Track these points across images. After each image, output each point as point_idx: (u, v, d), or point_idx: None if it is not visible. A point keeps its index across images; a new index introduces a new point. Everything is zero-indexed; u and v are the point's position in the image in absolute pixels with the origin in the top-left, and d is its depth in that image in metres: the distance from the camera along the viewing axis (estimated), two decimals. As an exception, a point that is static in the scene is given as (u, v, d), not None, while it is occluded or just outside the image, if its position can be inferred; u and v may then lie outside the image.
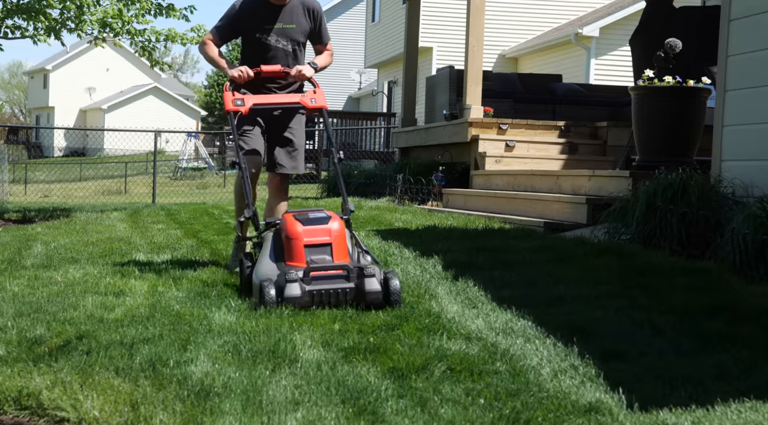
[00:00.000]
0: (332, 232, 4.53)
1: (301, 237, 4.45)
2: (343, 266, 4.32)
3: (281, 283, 4.24)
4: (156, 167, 16.15)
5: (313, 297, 4.23)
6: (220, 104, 60.11)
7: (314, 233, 4.49)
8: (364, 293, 4.24)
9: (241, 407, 2.93)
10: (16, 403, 3.14)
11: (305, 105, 5.38)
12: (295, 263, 4.42)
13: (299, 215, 4.62)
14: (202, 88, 68.75)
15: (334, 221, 4.58)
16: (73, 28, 13.05)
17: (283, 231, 4.57)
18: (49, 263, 6.31)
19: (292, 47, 5.58)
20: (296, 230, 4.49)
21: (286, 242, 4.51)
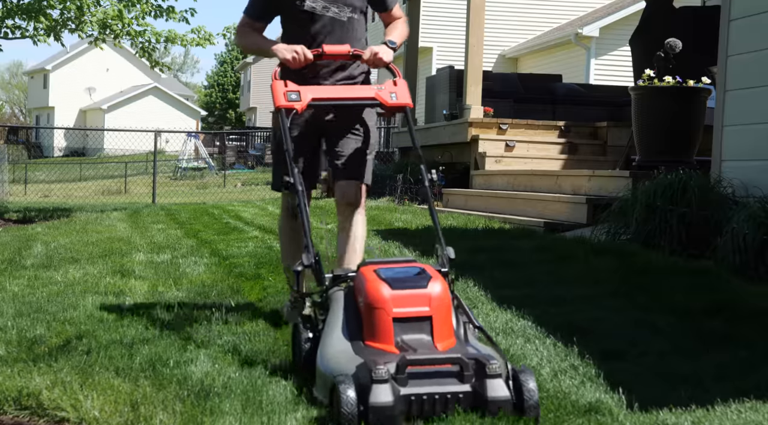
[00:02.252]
0: (433, 299, 2.97)
1: (389, 307, 2.94)
2: (455, 360, 2.81)
3: (364, 381, 2.72)
4: (156, 167, 16.15)
5: (410, 404, 2.74)
6: (219, 104, 60.12)
7: (407, 300, 2.97)
8: (486, 400, 2.76)
9: (241, 407, 2.93)
10: (16, 403, 3.14)
11: (383, 102, 3.69)
12: (380, 345, 2.95)
13: (383, 269, 3.09)
14: (202, 89, 68.76)
15: (435, 281, 3.01)
16: (73, 29, 13.06)
17: (360, 293, 3.05)
18: (49, 263, 6.31)
19: (348, 16, 3.92)
20: (380, 295, 2.96)
21: (365, 310, 3.00)
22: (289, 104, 3.59)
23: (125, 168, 24.28)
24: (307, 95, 3.61)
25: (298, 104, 3.58)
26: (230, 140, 37.52)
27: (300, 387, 3.14)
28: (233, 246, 6.97)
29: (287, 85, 3.60)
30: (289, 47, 3.76)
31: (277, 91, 3.62)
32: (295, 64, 3.75)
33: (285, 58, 3.77)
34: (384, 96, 3.69)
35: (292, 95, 3.59)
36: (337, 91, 3.78)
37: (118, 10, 12.77)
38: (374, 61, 3.79)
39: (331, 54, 3.80)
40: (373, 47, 3.81)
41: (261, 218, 9.75)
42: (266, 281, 5.29)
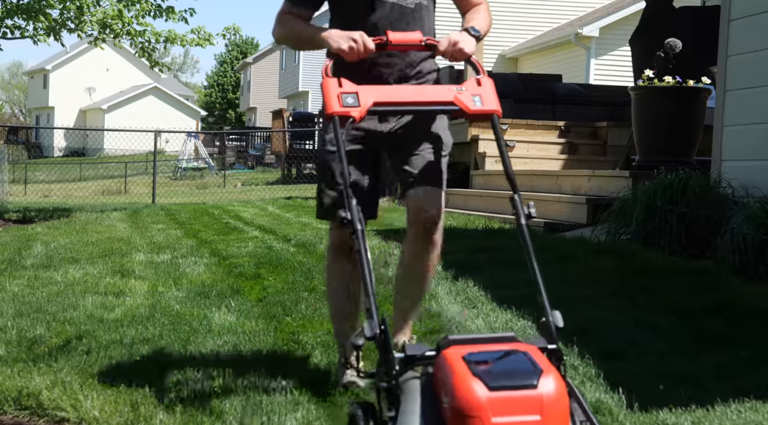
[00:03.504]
0: (546, 404, 2.00)
1: (487, 416, 1.97)
2: None
3: None
4: (156, 167, 16.14)
5: None
6: (219, 104, 60.11)
7: (511, 406, 2.01)
8: None
9: (241, 407, 2.93)
10: (16, 403, 3.14)
11: (464, 108, 2.70)
12: None
13: (474, 355, 2.11)
14: (202, 89, 68.75)
15: (547, 376, 2.04)
16: (73, 29, 13.05)
17: (445, 390, 2.06)
18: (49, 263, 6.31)
19: (416, 1, 3.13)
20: (474, 398, 1.98)
21: (453, 417, 2.01)
22: (344, 111, 2.58)
23: (125, 168, 24.27)
24: (368, 98, 2.61)
25: (355, 110, 2.59)
26: (230, 140, 37.51)
27: (300, 387, 3.14)
28: (233, 246, 6.97)
29: (342, 85, 2.62)
30: (345, 34, 2.87)
31: (329, 93, 2.63)
32: (352, 56, 2.84)
33: (340, 47, 2.85)
34: (465, 100, 2.68)
35: (348, 98, 2.61)
36: (405, 93, 2.79)
37: (118, 10, 12.76)
38: (453, 53, 2.89)
39: (397, 43, 2.88)
40: (451, 35, 2.88)
41: (261, 218, 9.75)
42: (266, 281, 5.30)
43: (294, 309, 4.44)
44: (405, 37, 2.89)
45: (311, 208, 10.70)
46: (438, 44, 2.89)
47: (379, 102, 2.64)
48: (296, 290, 4.95)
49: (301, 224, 8.58)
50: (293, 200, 13.02)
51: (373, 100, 2.61)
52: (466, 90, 2.72)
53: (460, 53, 2.89)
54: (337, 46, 2.87)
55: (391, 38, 2.85)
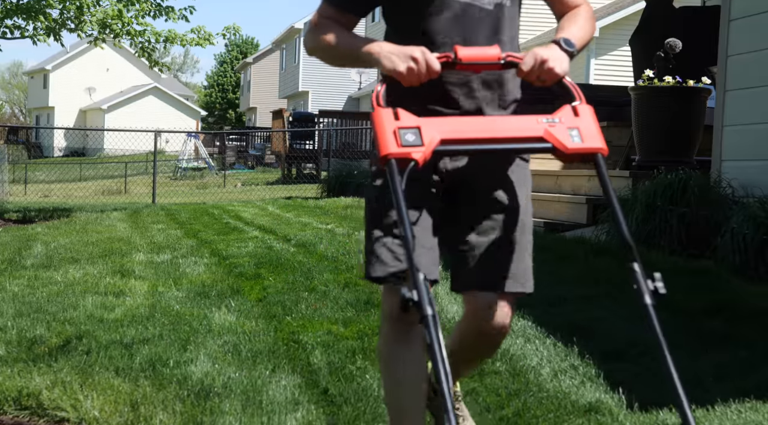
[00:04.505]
0: None
1: None
2: None
3: None
4: (156, 167, 16.13)
5: None
6: (219, 104, 60.13)
7: None
8: None
9: (241, 407, 2.93)
10: (16, 403, 3.14)
11: (560, 147, 2.09)
12: None
13: None
14: (202, 89, 68.76)
15: None
16: (73, 29, 13.06)
17: None
18: (49, 263, 6.31)
19: (496, 1, 2.32)
20: None
21: None
22: (404, 152, 1.95)
23: (125, 168, 24.27)
24: (433, 135, 1.98)
25: (418, 151, 1.95)
26: (230, 140, 37.50)
27: (300, 387, 3.14)
28: (233, 246, 6.97)
29: (399, 118, 2.00)
30: (402, 51, 2.11)
31: (382, 128, 1.99)
32: (411, 79, 2.09)
33: (395, 68, 2.09)
34: (560, 135, 2.03)
35: (409, 136, 1.98)
36: (481, 126, 2.07)
37: (118, 10, 12.76)
38: (540, 74, 2.14)
39: (469, 62, 2.12)
40: (538, 51, 2.13)
41: (261, 218, 9.75)
42: (266, 281, 5.29)
43: (294, 309, 4.44)
44: (479, 54, 2.12)
45: (311, 208, 10.70)
46: (521, 62, 2.12)
47: (448, 139, 1.98)
48: (296, 290, 4.95)
49: (301, 224, 8.58)
50: (293, 200, 13.03)
51: (440, 136, 1.95)
52: (560, 121, 2.07)
53: (549, 74, 2.12)
54: (391, 66, 2.08)
55: (461, 55, 2.09)
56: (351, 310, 4.36)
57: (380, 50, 2.14)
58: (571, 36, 2.24)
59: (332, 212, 9.92)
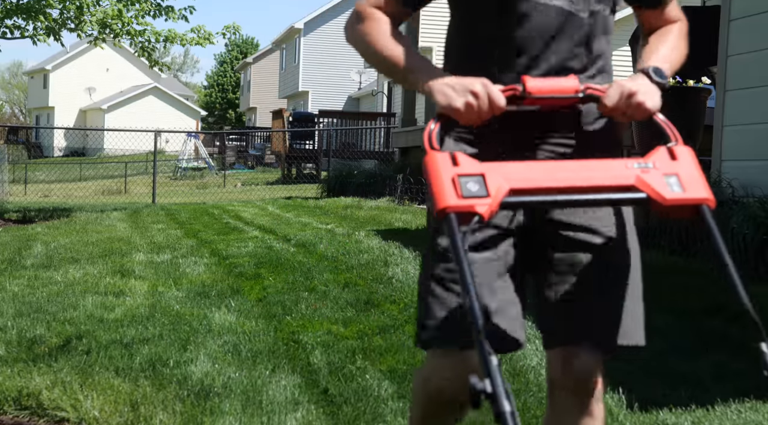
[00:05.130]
0: None
1: None
2: None
3: None
4: (156, 167, 16.13)
5: None
6: (219, 104, 60.14)
7: None
8: None
9: (241, 407, 2.93)
10: (16, 403, 3.14)
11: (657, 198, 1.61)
12: None
13: None
14: (202, 89, 68.77)
15: None
16: (73, 29, 13.06)
17: None
18: (49, 263, 6.31)
19: (592, 8, 1.83)
20: None
21: None
22: (466, 204, 1.58)
23: (125, 168, 24.27)
24: (501, 183, 1.61)
25: (483, 203, 1.57)
26: (230, 140, 37.51)
27: (300, 387, 3.14)
28: (233, 246, 6.97)
29: (458, 163, 1.62)
30: (461, 84, 1.69)
31: (438, 177, 1.61)
32: (470, 118, 1.69)
33: (451, 105, 1.69)
34: (655, 184, 1.64)
35: (471, 185, 1.60)
36: (556, 173, 1.64)
37: (118, 10, 12.76)
38: (627, 110, 1.73)
39: (540, 96, 1.73)
40: (624, 83, 1.73)
41: (261, 218, 9.75)
42: (266, 281, 5.29)
43: (294, 309, 4.44)
44: (552, 87, 1.70)
45: (311, 208, 10.70)
46: (603, 96, 1.70)
47: (519, 189, 1.59)
48: (296, 290, 4.95)
49: (301, 224, 8.58)
50: (293, 200, 13.03)
51: (508, 185, 1.58)
52: (654, 167, 1.67)
53: (639, 110, 1.72)
54: (446, 102, 1.67)
55: (531, 88, 1.68)
56: (351, 310, 4.36)
57: (433, 82, 1.69)
58: (663, 62, 1.83)
59: (332, 212, 9.92)
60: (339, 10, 38.29)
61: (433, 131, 1.66)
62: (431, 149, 1.63)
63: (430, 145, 1.64)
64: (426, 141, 1.65)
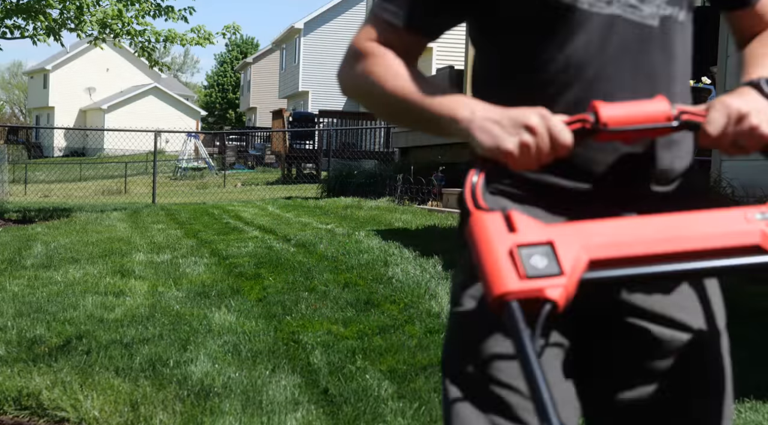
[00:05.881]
0: None
1: None
2: None
3: None
4: (156, 167, 16.14)
5: None
6: (219, 104, 60.14)
7: None
8: None
9: (241, 407, 2.93)
10: (16, 403, 3.14)
11: None
12: None
13: None
14: (202, 89, 68.77)
15: None
16: (73, 29, 13.06)
17: None
18: (49, 263, 6.31)
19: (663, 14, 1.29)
20: None
21: None
22: (532, 288, 1.04)
23: (125, 168, 24.27)
24: (577, 254, 1.08)
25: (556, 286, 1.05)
26: (230, 140, 37.51)
27: (300, 387, 3.14)
28: (233, 246, 6.97)
29: (515, 227, 1.10)
30: (510, 117, 1.19)
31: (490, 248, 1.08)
32: (526, 163, 1.19)
33: (500, 146, 1.18)
34: None
35: (538, 258, 1.07)
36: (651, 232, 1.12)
37: (118, 10, 12.77)
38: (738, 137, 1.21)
39: (619, 129, 1.20)
40: (730, 102, 1.21)
41: (261, 218, 9.75)
42: (266, 281, 5.29)
43: (294, 309, 4.44)
44: (636, 114, 1.22)
45: (311, 208, 10.70)
46: (704, 122, 1.22)
47: (604, 259, 1.10)
48: (296, 290, 4.95)
49: (301, 224, 8.58)
50: (293, 200, 13.03)
51: (587, 255, 1.09)
52: None
53: (753, 137, 1.22)
54: (492, 143, 1.18)
55: (606, 117, 1.19)
56: (351, 310, 4.36)
57: (471, 114, 1.20)
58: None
59: (332, 212, 9.92)
60: (339, 10, 38.32)
61: (477, 184, 1.16)
62: (476, 208, 1.14)
63: (475, 203, 1.15)
64: (468, 198, 1.16)
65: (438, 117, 1.24)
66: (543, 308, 1.03)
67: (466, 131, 1.20)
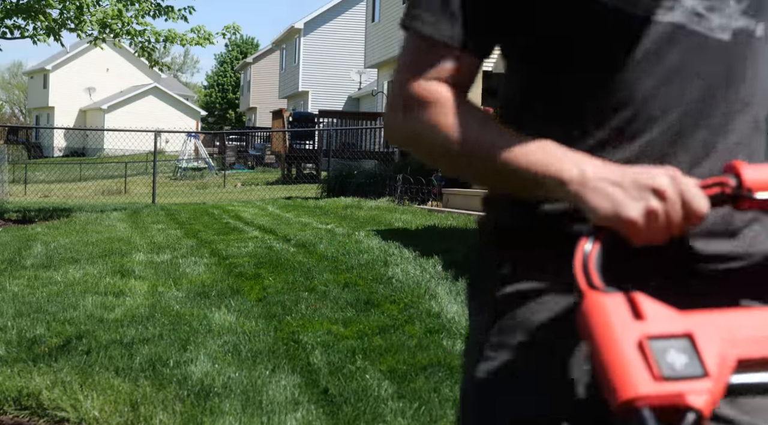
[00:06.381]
0: None
1: None
2: None
3: None
4: (156, 167, 16.14)
5: None
6: (219, 104, 60.15)
7: None
8: None
9: (241, 407, 2.93)
10: (16, 403, 3.14)
11: None
12: None
13: None
14: (202, 89, 68.77)
15: None
16: (73, 29, 13.06)
17: None
18: (49, 263, 6.31)
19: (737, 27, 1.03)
20: None
21: None
22: (670, 392, 0.79)
23: (125, 168, 24.27)
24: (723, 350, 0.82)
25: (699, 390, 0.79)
26: (230, 140, 37.53)
27: (300, 387, 3.14)
28: (233, 246, 6.97)
29: (641, 313, 0.84)
30: (633, 179, 0.94)
31: (612, 339, 0.83)
32: (653, 236, 0.93)
33: (621, 214, 0.92)
34: None
35: (675, 355, 0.81)
36: None
37: (118, 10, 12.77)
38: None
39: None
40: None
41: (261, 218, 9.75)
42: (266, 281, 5.30)
43: (294, 309, 4.44)
44: None
45: (311, 208, 10.70)
46: None
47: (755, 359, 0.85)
48: (296, 290, 4.95)
49: (301, 224, 8.58)
50: (293, 200, 13.03)
51: (736, 352, 0.84)
52: None
53: None
54: (611, 210, 0.93)
55: (751, 181, 0.96)
56: (351, 310, 4.37)
57: (581, 174, 0.96)
58: None
59: (332, 212, 9.92)
60: (339, 10, 38.33)
61: (590, 256, 0.91)
62: (590, 288, 0.88)
63: (589, 281, 0.89)
64: (580, 274, 0.90)
65: (538, 179, 0.97)
66: (684, 419, 0.79)
67: (577, 196, 0.95)
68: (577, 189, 0.95)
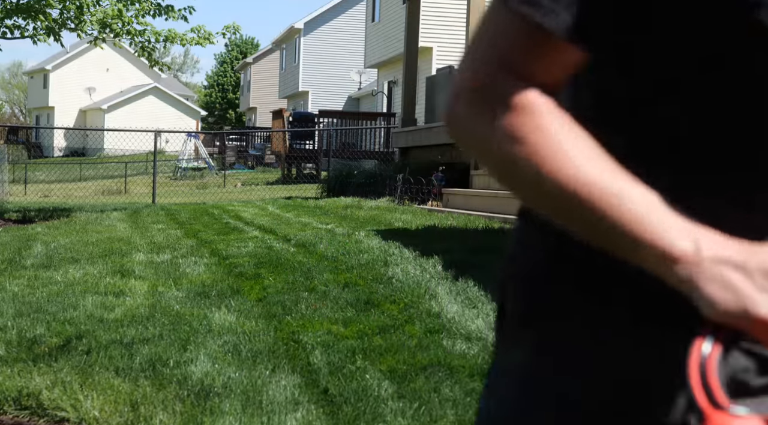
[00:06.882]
0: None
1: None
2: None
3: None
4: (156, 167, 16.14)
5: None
6: (219, 104, 60.17)
7: None
8: None
9: (241, 407, 2.93)
10: (16, 403, 3.14)
11: None
12: None
13: None
14: (202, 89, 68.77)
15: None
16: (73, 28, 13.06)
17: None
18: (49, 263, 6.31)
19: None
20: None
21: None
22: None
23: (125, 168, 24.27)
24: None
25: None
26: (230, 140, 37.54)
27: (300, 387, 3.14)
28: (233, 246, 6.97)
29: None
30: (759, 265, 0.69)
31: None
32: None
33: (750, 310, 0.67)
34: None
35: None
36: None
37: (118, 10, 12.77)
38: None
39: None
40: None
41: (261, 218, 9.75)
42: (266, 281, 5.29)
43: (294, 309, 4.44)
44: None
45: (311, 208, 10.70)
46: None
47: None
48: (296, 290, 4.95)
49: (301, 224, 8.58)
50: (293, 200, 13.03)
51: None
52: None
53: None
54: (735, 306, 0.69)
55: None
56: (351, 310, 4.37)
57: (695, 252, 0.71)
58: None
59: (332, 212, 9.92)
60: (339, 10, 38.33)
61: (709, 363, 0.69)
62: (713, 406, 0.67)
63: (710, 398, 0.68)
64: (698, 388, 0.68)
65: (637, 242, 0.72)
66: None
67: (688, 279, 0.70)
68: (690, 273, 0.70)
